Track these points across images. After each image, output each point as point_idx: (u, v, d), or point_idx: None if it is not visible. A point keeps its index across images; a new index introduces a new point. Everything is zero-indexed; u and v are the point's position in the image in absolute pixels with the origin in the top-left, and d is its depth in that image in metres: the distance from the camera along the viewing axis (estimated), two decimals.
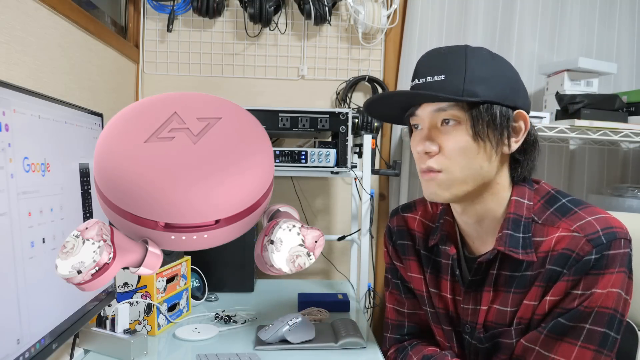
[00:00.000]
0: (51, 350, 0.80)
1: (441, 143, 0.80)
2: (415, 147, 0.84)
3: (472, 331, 0.89)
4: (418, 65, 0.85)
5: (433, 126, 0.82)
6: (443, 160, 0.80)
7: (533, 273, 0.81)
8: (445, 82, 0.79)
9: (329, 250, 2.02)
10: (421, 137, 0.82)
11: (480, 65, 0.80)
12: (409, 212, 1.04)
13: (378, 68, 1.98)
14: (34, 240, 0.74)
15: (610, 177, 2.04)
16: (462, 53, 0.81)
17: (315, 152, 1.49)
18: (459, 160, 0.79)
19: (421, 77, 0.83)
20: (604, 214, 0.80)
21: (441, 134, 0.81)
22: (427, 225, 1.00)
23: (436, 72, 0.80)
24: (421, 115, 0.83)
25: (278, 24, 1.91)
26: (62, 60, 1.28)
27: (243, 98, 1.95)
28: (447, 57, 0.82)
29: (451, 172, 0.80)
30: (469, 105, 0.78)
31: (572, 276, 0.77)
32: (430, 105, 0.81)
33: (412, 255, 1.01)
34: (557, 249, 0.79)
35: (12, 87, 0.70)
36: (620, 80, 1.99)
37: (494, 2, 1.95)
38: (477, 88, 0.78)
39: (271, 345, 1.11)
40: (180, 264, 1.32)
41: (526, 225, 0.82)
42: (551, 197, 0.85)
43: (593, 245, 0.75)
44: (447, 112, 0.80)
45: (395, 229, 1.04)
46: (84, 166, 0.94)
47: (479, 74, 0.79)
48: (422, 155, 0.82)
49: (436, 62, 0.82)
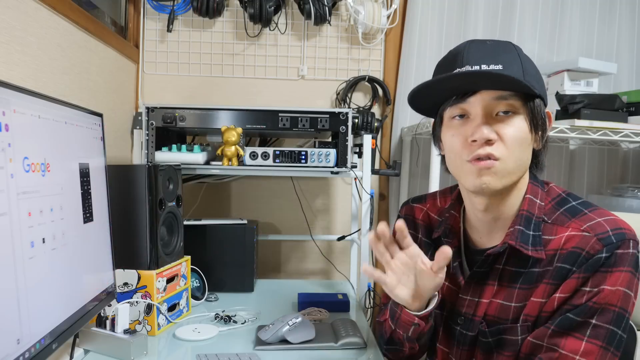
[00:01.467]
0: (51, 350, 0.80)
1: (500, 131, 0.78)
2: (467, 135, 0.80)
3: (466, 323, 0.90)
4: (463, 52, 0.80)
5: (488, 114, 0.79)
6: (503, 148, 0.78)
7: (540, 270, 0.82)
8: (505, 71, 0.76)
9: (329, 250, 2.02)
10: (477, 124, 0.79)
11: (528, 61, 0.81)
12: (418, 203, 1.07)
13: (378, 68, 1.98)
14: (34, 240, 0.74)
15: (610, 177, 2.04)
16: (511, 47, 0.81)
17: (315, 152, 1.49)
18: (516, 150, 0.79)
19: (473, 64, 0.78)
20: (613, 216, 0.81)
21: (498, 122, 0.79)
22: (432, 218, 1.02)
23: (492, 60, 0.78)
24: (475, 102, 0.79)
25: (278, 24, 1.91)
26: (62, 60, 1.28)
27: (243, 98, 1.95)
28: (498, 48, 0.80)
29: (507, 161, 0.79)
30: (526, 97, 0.78)
31: (582, 274, 0.78)
32: (489, 93, 0.78)
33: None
34: (566, 247, 0.80)
35: (12, 87, 0.70)
36: (620, 80, 1.99)
37: (494, 2, 1.95)
38: (533, 82, 0.78)
39: (271, 345, 1.11)
40: (180, 264, 1.32)
41: (537, 224, 0.84)
42: (562, 199, 0.87)
43: (603, 244, 0.77)
44: (507, 102, 0.78)
45: (403, 217, 1.07)
46: (84, 166, 0.94)
47: (530, 69, 0.80)
48: (477, 143, 0.78)
49: (488, 52, 0.79)
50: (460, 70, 0.79)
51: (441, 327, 0.96)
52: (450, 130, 0.83)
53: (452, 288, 0.94)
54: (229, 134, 1.44)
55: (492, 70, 0.77)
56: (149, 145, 1.49)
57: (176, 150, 1.49)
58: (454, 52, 0.82)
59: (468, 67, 0.78)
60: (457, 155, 0.82)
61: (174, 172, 1.33)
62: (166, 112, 1.49)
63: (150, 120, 1.49)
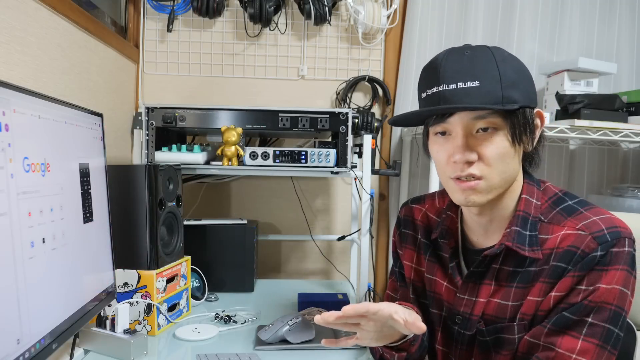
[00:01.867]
0: (51, 350, 0.80)
1: (480, 150, 0.78)
2: (449, 154, 0.81)
3: (464, 322, 0.90)
4: (440, 68, 0.79)
5: (468, 133, 0.79)
6: (483, 167, 0.79)
7: (537, 269, 0.82)
8: (482, 88, 0.76)
9: (329, 250, 2.02)
10: (457, 145, 0.79)
11: (509, 67, 0.78)
12: (417, 203, 1.07)
13: (378, 68, 1.98)
14: (34, 240, 0.74)
15: (610, 177, 2.04)
16: (489, 56, 0.78)
17: (315, 152, 1.49)
18: (498, 167, 0.79)
19: (450, 83, 0.78)
20: (609, 215, 0.81)
21: (479, 141, 0.79)
22: (431, 218, 1.02)
23: (468, 77, 0.77)
24: (454, 122, 0.79)
25: (278, 24, 1.91)
26: (62, 60, 1.28)
27: (243, 98, 1.95)
28: (475, 60, 0.78)
29: (491, 178, 0.79)
30: (506, 112, 0.77)
31: (577, 272, 0.78)
32: (467, 114, 0.78)
33: (410, 244, 1.04)
34: (562, 246, 0.80)
35: (12, 87, 0.70)
36: (620, 80, 1.99)
37: (494, 2, 1.95)
38: (513, 93, 0.77)
39: (271, 345, 1.11)
40: (180, 264, 1.32)
41: (533, 224, 0.84)
42: (558, 199, 0.87)
43: (598, 243, 0.77)
44: (486, 120, 0.78)
45: (402, 218, 1.08)
46: (84, 166, 0.94)
47: (511, 77, 0.78)
48: (458, 163, 0.79)
49: (465, 66, 0.78)
50: (437, 88, 0.79)
51: (440, 327, 0.96)
52: (435, 146, 0.84)
53: (449, 288, 0.94)
54: (229, 134, 1.44)
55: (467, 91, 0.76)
56: (149, 145, 1.49)
57: (176, 150, 1.49)
58: (433, 65, 0.81)
59: (444, 85, 0.78)
60: (442, 171, 0.84)
61: (174, 172, 1.33)
62: (166, 112, 1.50)
63: (150, 120, 1.49)
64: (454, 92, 0.77)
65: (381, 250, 2.02)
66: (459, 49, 0.81)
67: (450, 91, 0.78)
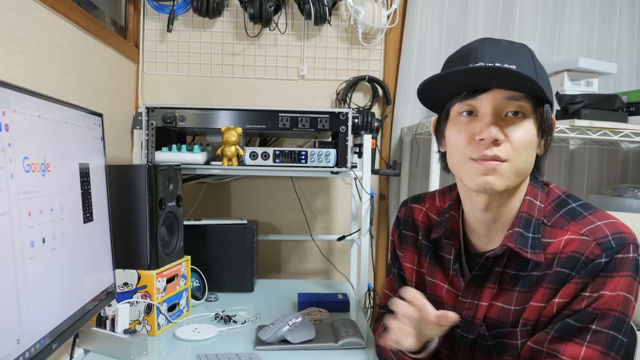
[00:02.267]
0: (51, 350, 0.80)
1: (509, 132, 0.77)
2: (475, 134, 0.78)
3: (467, 325, 0.89)
4: (477, 49, 0.78)
5: (498, 114, 0.77)
6: (510, 150, 0.77)
7: (540, 274, 0.81)
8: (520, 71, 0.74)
9: (329, 250, 2.02)
10: (485, 123, 0.77)
11: (540, 64, 0.80)
12: (417, 203, 1.06)
13: (378, 68, 1.98)
14: (34, 240, 0.74)
15: (610, 177, 2.04)
16: (525, 48, 0.80)
17: (315, 152, 1.49)
18: (522, 153, 0.78)
19: (487, 62, 0.76)
20: (613, 219, 0.80)
21: (507, 123, 0.77)
22: (432, 218, 1.01)
23: (506, 59, 0.76)
24: (485, 100, 0.77)
25: (278, 24, 1.91)
26: (62, 60, 1.28)
27: (243, 98, 1.95)
28: (512, 48, 0.78)
29: (514, 163, 0.77)
30: (536, 101, 0.78)
31: (581, 279, 0.77)
32: (501, 92, 0.76)
33: (411, 246, 1.03)
34: (565, 251, 0.79)
35: (12, 87, 0.70)
36: (620, 80, 1.99)
37: (494, 2, 1.95)
38: (544, 85, 0.77)
39: (271, 345, 1.11)
40: (180, 264, 1.32)
41: (536, 226, 0.83)
42: (562, 201, 0.86)
43: (603, 249, 0.76)
44: (518, 103, 0.77)
45: (402, 219, 1.06)
46: (84, 166, 0.94)
47: (541, 73, 0.79)
48: (484, 142, 0.77)
49: (503, 51, 0.77)
50: (474, 65, 0.77)
51: None
52: (456, 127, 0.81)
53: (452, 291, 0.93)
54: (229, 134, 1.44)
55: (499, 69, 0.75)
56: (149, 145, 1.49)
57: (176, 150, 1.49)
58: (467, 49, 0.80)
59: (482, 63, 0.76)
60: (461, 152, 0.80)
61: (174, 172, 1.33)
62: (166, 112, 1.50)
63: (150, 120, 1.49)
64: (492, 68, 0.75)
65: (381, 250, 2.02)
66: (495, 39, 0.81)
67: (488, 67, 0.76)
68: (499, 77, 0.75)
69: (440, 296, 0.95)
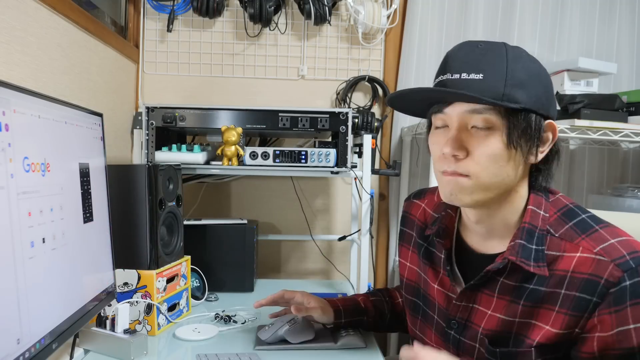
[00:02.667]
0: (51, 350, 0.80)
1: (471, 147, 0.76)
2: (440, 147, 0.78)
3: (460, 327, 0.87)
4: (450, 59, 0.78)
5: (462, 128, 0.77)
6: (472, 165, 0.76)
7: (548, 290, 0.77)
8: (484, 82, 0.74)
9: (329, 250, 2.02)
10: (448, 138, 0.77)
11: (520, 67, 0.76)
12: (417, 198, 1.06)
13: (378, 68, 1.98)
14: (34, 240, 0.74)
15: (610, 177, 2.04)
16: (502, 51, 0.76)
17: (315, 152, 1.49)
18: (488, 167, 0.76)
19: (454, 73, 0.76)
20: (626, 236, 0.77)
21: (471, 137, 0.76)
22: (428, 214, 1.01)
23: (473, 69, 0.75)
24: (450, 114, 0.77)
25: (278, 24, 1.91)
26: (62, 60, 1.28)
27: (243, 98, 1.95)
28: (486, 53, 0.76)
29: (478, 178, 0.76)
30: (506, 110, 0.75)
31: (613, 307, 0.72)
32: (463, 105, 0.76)
33: (406, 242, 1.04)
34: (580, 271, 0.75)
35: (12, 87, 0.70)
36: (620, 80, 1.99)
37: (494, 2, 1.95)
38: (517, 93, 0.74)
39: (271, 345, 1.11)
40: (180, 264, 1.32)
41: (540, 237, 0.80)
42: (569, 211, 0.82)
43: (623, 270, 0.72)
44: (482, 116, 0.75)
45: (403, 214, 1.08)
46: (84, 166, 0.94)
47: (519, 77, 0.75)
48: (447, 157, 0.77)
49: (473, 58, 0.76)
50: (443, 77, 0.78)
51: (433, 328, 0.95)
52: (433, 138, 0.83)
53: (442, 291, 0.92)
54: (229, 133, 1.44)
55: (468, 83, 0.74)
56: (149, 145, 1.49)
57: (176, 150, 1.49)
58: (446, 55, 0.81)
59: (449, 74, 0.77)
60: (435, 165, 0.83)
61: (174, 172, 1.33)
62: (166, 112, 1.50)
63: (150, 120, 1.49)
64: (455, 81, 0.76)
65: (381, 250, 2.02)
66: (474, 42, 0.79)
67: (452, 80, 0.76)
68: (450, 95, 0.76)
69: (432, 296, 0.94)
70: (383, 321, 1.17)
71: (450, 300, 0.90)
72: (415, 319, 1.01)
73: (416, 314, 1.00)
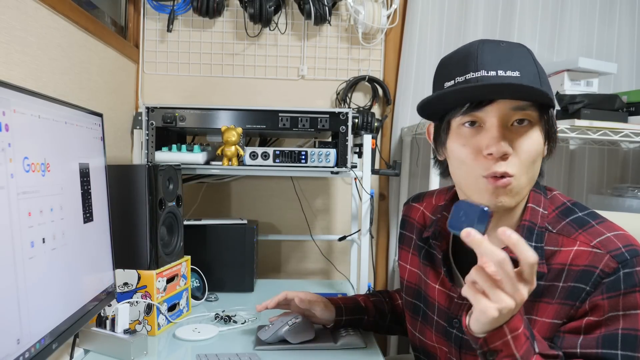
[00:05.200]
0: (51, 350, 0.80)
1: (516, 144, 0.74)
2: (482, 148, 0.74)
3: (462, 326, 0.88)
4: (476, 55, 0.74)
5: (504, 125, 0.74)
6: (517, 164, 0.74)
7: (546, 284, 0.79)
8: (523, 79, 0.72)
9: (329, 250, 2.02)
10: (492, 136, 0.73)
11: (541, 68, 0.78)
12: (417, 202, 1.06)
13: (378, 68, 1.98)
14: (34, 240, 0.74)
15: (610, 177, 2.04)
16: (525, 50, 0.76)
17: (315, 152, 1.49)
18: (529, 164, 0.75)
19: (489, 70, 0.73)
20: (622, 231, 0.78)
21: (514, 134, 0.74)
22: (427, 217, 1.01)
23: (509, 66, 0.73)
24: (490, 111, 0.74)
25: (278, 24, 1.91)
26: (62, 60, 1.28)
27: (243, 98, 1.95)
28: (512, 51, 0.75)
29: (521, 178, 0.75)
30: (541, 108, 0.75)
31: (606, 294, 0.74)
32: (507, 102, 0.73)
33: (406, 245, 1.04)
34: (576, 263, 0.77)
35: (12, 87, 0.70)
36: (620, 80, 1.99)
37: (494, 2, 1.95)
38: (548, 90, 0.75)
39: (271, 345, 1.11)
40: (180, 264, 1.32)
41: (539, 235, 0.80)
42: (567, 209, 0.83)
43: (618, 262, 0.74)
44: (525, 112, 0.74)
45: (402, 218, 1.08)
46: (84, 166, 0.94)
47: (544, 77, 0.77)
48: (493, 157, 0.73)
49: (504, 55, 0.74)
50: (474, 74, 0.74)
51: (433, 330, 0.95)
52: (460, 139, 0.78)
53: (443, 291, 0.92)
54: (229, 134, 1.44)
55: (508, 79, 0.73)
56: (149, 145, 1.49)
57: (176, 150, 1.49)
58: (465, 53, 0.77)
59: (484, 71, 0.73)
60: (470, 168, 0.77)
61: (174, 172, 1.33)
62: (166, 112, 1.50)
63: (150, 120, 1.49)
64: (492, 78, 0.73)
65: (381, 250, 2.02)
66: (493, 40, 0.77)
67: (488, 77, 0.73)
68: (504, 90, 0.72)
69: (433, 297, 0.95)
70: (383, 321, 1.17)
71: (452, 300, 0.90)
72: (415, 320, 1.01)
73: (416, 315, 1.00)
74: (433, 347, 0.96)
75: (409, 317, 1.03)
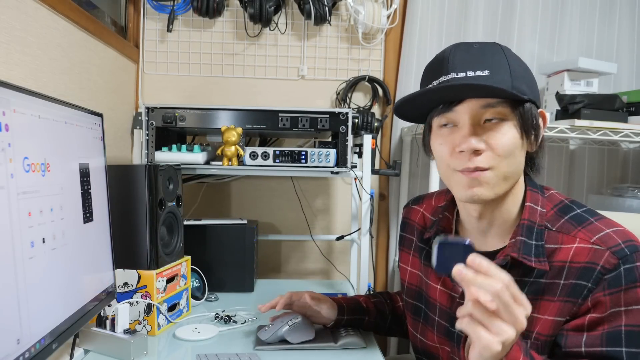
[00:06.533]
0: (51, 350, 0.80)
1: (489, 140, 0.76)
2: (454, 145, 0.78)
3: None
4: (448, 59, 0.78)
5: (476, 123, 0.77)
6: (492, 157, 0.76)
7: (547, 281, 0.80)
8: (493, 77, 0.75)
9: (329, 250, 2.02)
10: (463, 134, 0.77)
11: (516, 62, 0.79)
12: (416, 204, 1.07)
13: (378, 68, 1.98)
14: (34, 240, 0.74)
15: (610, 177, 2.04)
16: (498, 49, 0.79)
17: (315, 152, 1.49)
18: (508, 157, 0.77)
19: (459, 71, 0.76)
20: (621, 227, 0.79)
21: (486, 130, 0.77)
22: (427, 218, 1.02)
23: (478, 66, 0.76)
24: (462, 111, 0.77)
25: (278, 24, 1.91)
26: (62, 60, 1.28)
27: (243, 98, 1.95)
28: (484, 52, 0.77)
29: (499, 169, 0.77)
30: (514, 103, 0.76)
31: (607, 290, 0.75)
32: (476, 101, 0.76)
33: (407, 247, 1.04)
34: (577, 260, 0.77)
35: (12, 87, 0.70)
36: (620, 80, 1.99)
37: (494, 2, 1.95)
38: (522, 85, 0.77)
39: (271, 345, 1.11)
40: (180, 264, 1.32)
41: (539, 233, 0.81)
42: (565, 206, 0.84)
43: (618, 258, 0.75)
44: (495, 110, 0.76)
45: (402, 220, 1.08)
46: (84, 166, 0.94)
47: (518, 70, 0.78)
48: (465, 154, 0.77)
49: (474, 56, 0.77)
50: (445, 77, 0.77)
51: (434, 331, 0.95)
52: (439, 139, 0.82)
53: (445, 292, 0.92)
54: (229, 134, 1.44)
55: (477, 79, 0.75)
56: (149, 145, 1.49)
57: (176, 150, 1.49)
58: (440, 57, 0.80)
59: (454, 73, 0.76)
60: (445, 164, 0.81)
61: (174, 172, 1.33)
62: (166, 112, 1.50)
63: (150, 120, 1.49)
64: (463, 79, 0.76)
65: (381, 250, 2.02)
66: (467, 43, 0.80)
67: (458, 79, 0.76)
68: (468, 90, 0.75)
69: (434, 298, 0.95)
70: (384, 322, 1.17)
71: (454, 299, 0.91)
72: (417, 322, 1.01)
73: (417, 317, 1.00)
74: (435, 347, 0.96)
75: (410, 319, 1.03)
